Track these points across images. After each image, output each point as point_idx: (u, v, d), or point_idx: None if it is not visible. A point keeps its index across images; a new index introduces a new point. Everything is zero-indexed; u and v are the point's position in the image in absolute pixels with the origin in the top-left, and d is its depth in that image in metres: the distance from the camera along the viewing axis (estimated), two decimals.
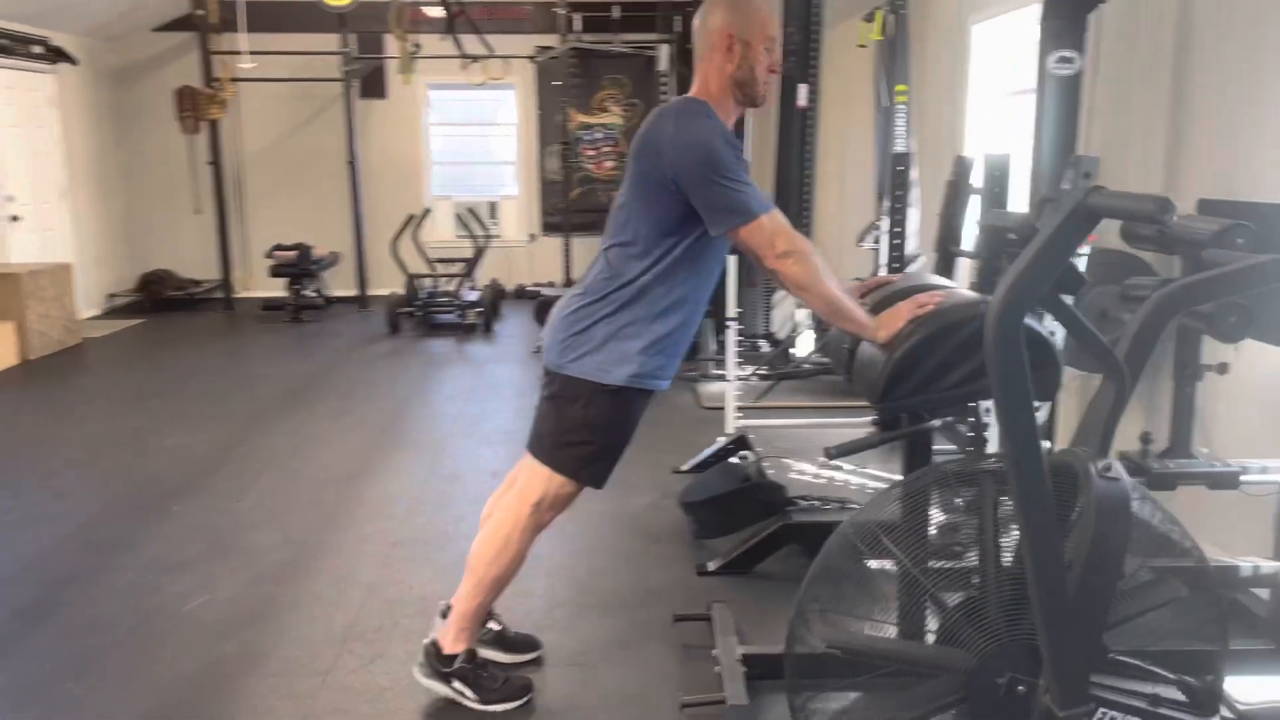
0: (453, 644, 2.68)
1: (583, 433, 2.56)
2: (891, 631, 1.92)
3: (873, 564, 1.90)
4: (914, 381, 2.44)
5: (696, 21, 2.56)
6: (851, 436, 4.64)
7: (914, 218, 5.65)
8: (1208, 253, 2.14)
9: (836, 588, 1.93)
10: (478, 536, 2.72)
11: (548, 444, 2.60)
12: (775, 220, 2.41)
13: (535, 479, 2.62)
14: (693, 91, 2.56)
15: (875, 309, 2.61)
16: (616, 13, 9.25)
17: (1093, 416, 1.89)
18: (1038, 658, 1.79)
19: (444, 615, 2.93)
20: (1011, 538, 1.84)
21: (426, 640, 2.77)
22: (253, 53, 9.05)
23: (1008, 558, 1.88)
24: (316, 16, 8.97)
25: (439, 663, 2.68)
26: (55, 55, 8.48)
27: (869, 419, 4.75)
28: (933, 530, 1.93)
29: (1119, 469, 1.75)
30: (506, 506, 2.66)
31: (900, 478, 3.87)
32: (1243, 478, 2.64)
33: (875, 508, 1.93)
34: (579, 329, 2.55)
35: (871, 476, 3.92)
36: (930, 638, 1.97)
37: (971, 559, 2.00)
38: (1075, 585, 1.72)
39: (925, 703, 1.85)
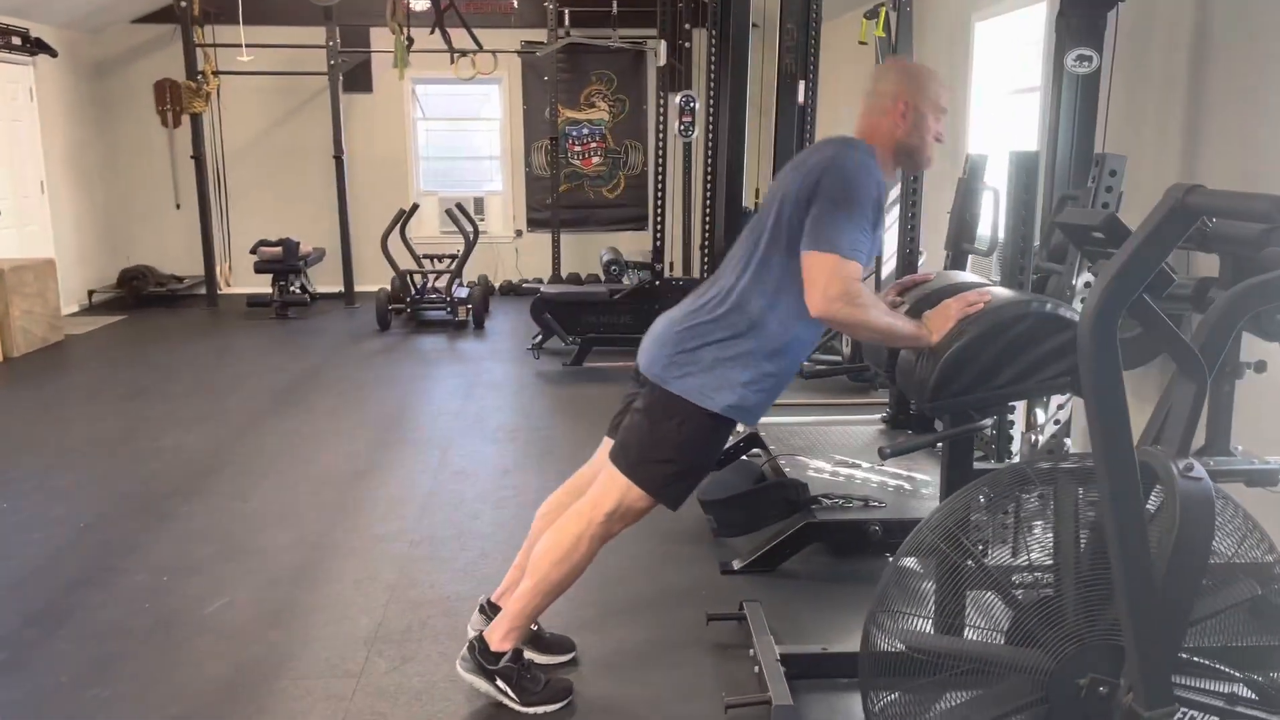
0: (500, 641, 2.64)
1: (672, 450, 2.54)
2: (968, 632, 1.91)
3: (950, 566, 1.89)
4: (964, 381, 2.44)
5: (870, 83, 2.60)
6: (862, 433, 4.67)
7: None
8: (1268, 251, 2.14)
9: (914, 589, 1.92)
10: (543, 538, 2.68)
11: (634, 456, 2.57)
12: (846, 268, 2.38)
13: (612, 488, 2.58)
14: (857, 135, 2.59)
15: (914, 308, 2.61)
16: (615, 8, 9.19)
17: (1166, 414, 1.89)
18: (1118, 658, 1.79)
19: (482, 610, 2.90)
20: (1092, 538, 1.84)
21: (473, 634, 2.73)
22: (236, 45, 8.92)
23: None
24: (301, 9, 8.86)
25: (485, 659, 2.64)
26: (34, 46, 8.32)
27: (879, 417, 4.79)
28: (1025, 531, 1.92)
29: (1200, 468, 1.75)
30: (578, 512, 2.62)
31: (924, 477, 3.90)
32: None
33: (952, 509, 1.91)
34: (689, 347, 2.52)
35: (891, 475, 3.91)
36: (995, 638, 1.96)
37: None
38: (1159, 585, 1.72)
39: (1004, 703, 1.84)
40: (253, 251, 8.98)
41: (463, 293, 8.56)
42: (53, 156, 8.77)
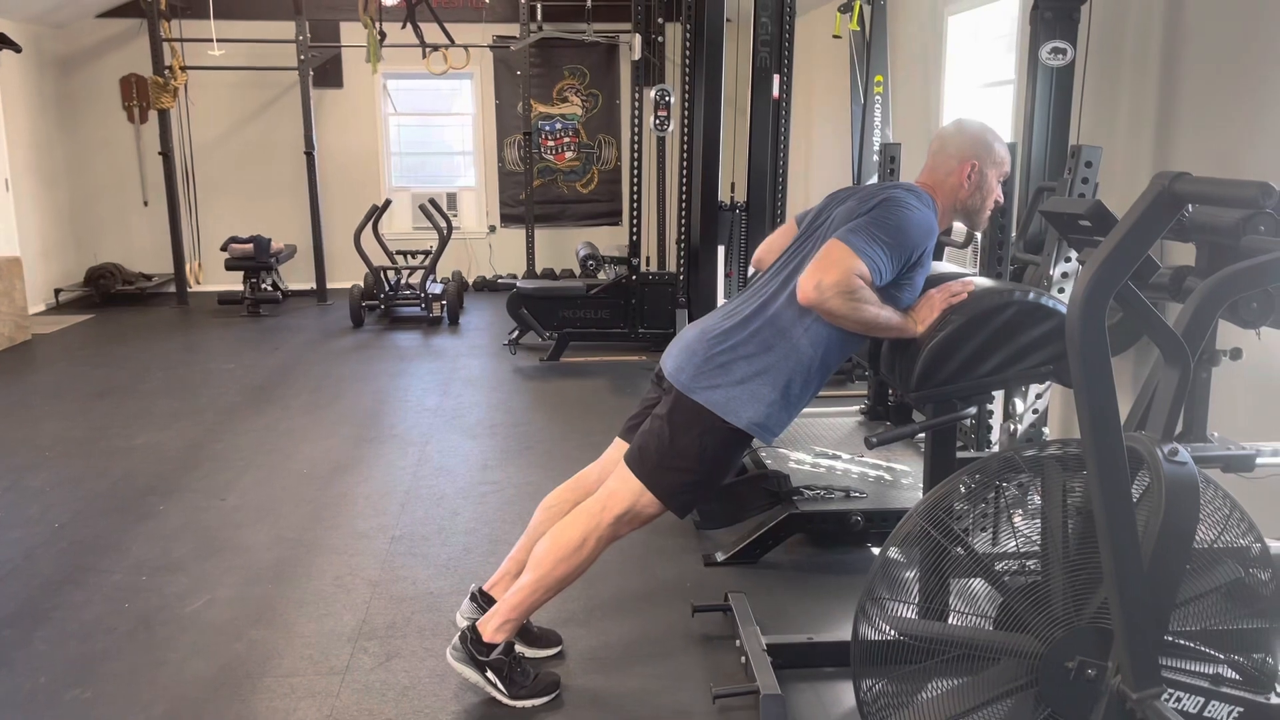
0: (494, 633, 2.64)
1: (691, 460, 2.54)
2: (956, 619, 1.93)
3: (940, 553, 1.90)
4: (949, 370, 2.46)
5: (938, 140, 2.67)
6: (842, 424, 4.69)
7: None
8: (1247, 239, 2.17)
9: (904, 577, 1.93)
10: (547, 535, 2.66)
11: (652, 462, 2.56)
12: (854, 263, 2.39)
13: (625, 491, 2.58)
14: (920, 183, 2.66)
15: None
16: (588, 2, 9.18)
17: (1149, 400, 1.92)
18: (1106, 641, 1.81)
19: (474, 598, 2.90)
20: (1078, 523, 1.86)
21: (463, 623, 2.73)
22: (204, 40, 8.82)
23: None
24: (270, 3, 8.79)
25: (476, 649, 2.63)
26: None
27: (857, 408, 4.82)
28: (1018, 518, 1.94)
29: (1185, 453, 1.77)
30: (587, 511, 2.62)
31: (904, 468, 3.93)
32: (1258, 460, 2.69)
33: (941, 496, 1.93)
34: (720, 360, 2.52)
35: (872, 465, 3.94)
36: (984, 623, 1.98)
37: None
38: (1146, 568, 1.74)
39: (994, 687, 1.86)
40: (223, 248, 8.90)
41: (436, 289, 8.53)
42: (17, 153, 8.63)
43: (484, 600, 2.87)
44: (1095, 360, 1.63)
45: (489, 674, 2.63)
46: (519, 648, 2.81)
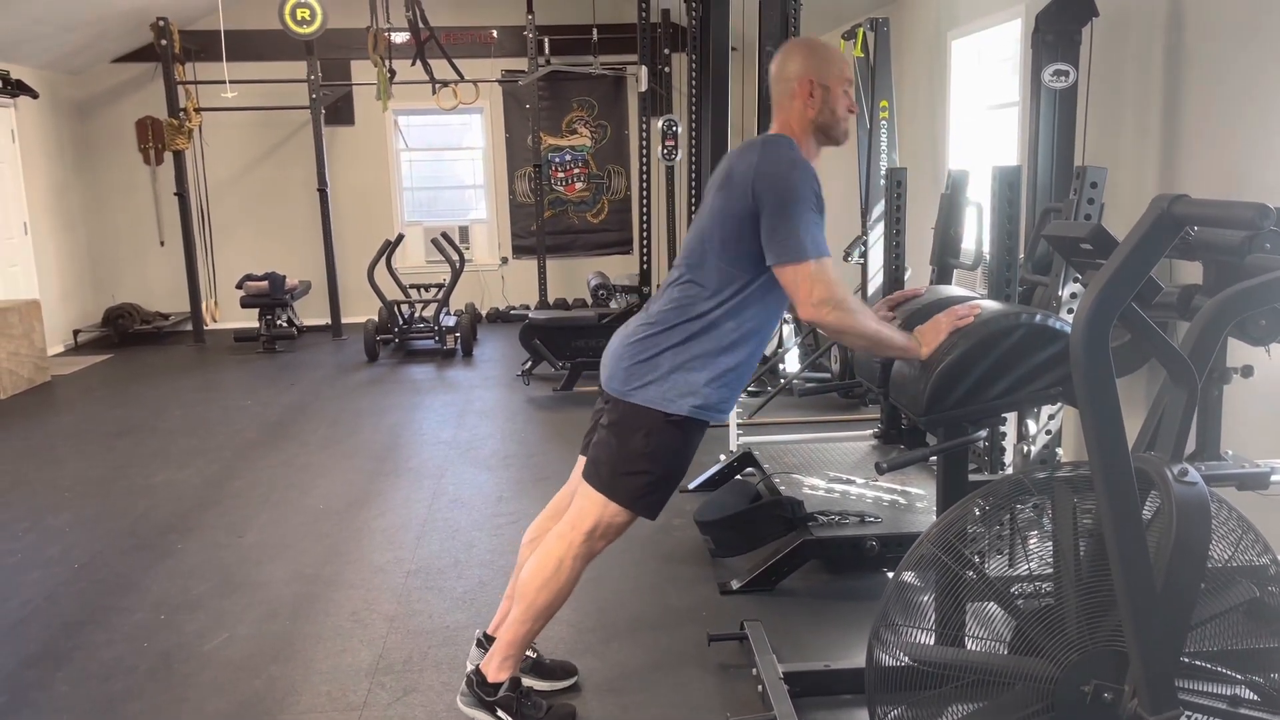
0: (497, 672, 2.64)
1: (643, 462, 2.54)
2: (971, 644, 1.93)
3: (951, 578, 1.90)
4: (958, 394, 2.46)
5: (774, 68, 2.61)
6: (855, 449, 4.69)
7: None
8: (1252, 258, 2.18)
9: (916, 603, 1.93)
10: (527, 563, 2.68)
11: (605, 472, 2.57)
12: (822, 268, 2.41)
13: (590, 506, 2.59)
14: (774, 130, 2.60)
15: (906, 323, 2.63)
16: (595, 35, 9.29)
17: (1158, 421, 1.92)
18: (1121, 664, 1.81)
19: (480, 644, 2.90)
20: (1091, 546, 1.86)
21: (469, 668, 2.73)
22: (218, 82, 8.95)
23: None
24: (282, 44, 8.91)
25: (483, 691, 2.64)
26: (15, 88, 8.31)
27: (870, 432, 4.81)
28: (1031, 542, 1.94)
29: (1195, 473, 1.78)
30: (559, 534, 2.63)
31: (918, 491, 3.92)
32: (1273, 478, 2.68)
33: (952, 521, 1.93)
34: (644, 357, 2.54)
35: (886, 489, 3.94)
36: (998, 648, 1.97)
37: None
38: (1159, 590, 1.74)
39: (1009, 713, 1.85)
40: (238, 286, 8.99)
41: (450, 321, 8.58)
42: (35, 197, 8.76)
43: (489, 643, 2.86)
44: (1100, 383, 1.64)
45: (500, 713, 2.63)
46: (533, 682, 2.82)
